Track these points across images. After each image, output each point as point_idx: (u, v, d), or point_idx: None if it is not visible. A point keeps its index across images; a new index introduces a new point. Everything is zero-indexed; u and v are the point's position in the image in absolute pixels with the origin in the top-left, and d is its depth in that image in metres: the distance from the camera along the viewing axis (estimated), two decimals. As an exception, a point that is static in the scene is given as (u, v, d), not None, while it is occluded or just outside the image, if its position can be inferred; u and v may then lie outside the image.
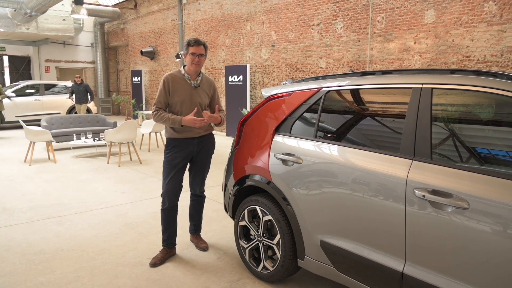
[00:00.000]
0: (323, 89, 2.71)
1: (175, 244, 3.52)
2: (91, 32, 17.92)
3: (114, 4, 16.00)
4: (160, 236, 3.84)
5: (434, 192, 1.94)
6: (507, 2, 6.19)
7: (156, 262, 3.30)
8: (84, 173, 6.68)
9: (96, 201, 5.06)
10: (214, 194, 5.41)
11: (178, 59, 13.00)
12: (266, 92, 3.19)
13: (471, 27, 6.63)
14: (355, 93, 2.56)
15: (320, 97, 2.70)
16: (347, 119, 2.60)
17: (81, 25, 16.26)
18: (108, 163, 7.42)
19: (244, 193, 3.20)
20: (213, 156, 3.67)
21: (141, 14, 15.48)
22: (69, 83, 13.97)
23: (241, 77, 10.76)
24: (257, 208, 2.97)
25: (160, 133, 9.03)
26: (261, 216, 2.95)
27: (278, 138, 2.88)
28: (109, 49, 18.56)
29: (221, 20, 11.77)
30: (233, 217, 3.34)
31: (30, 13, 12.61)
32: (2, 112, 11.80)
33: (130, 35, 16.47)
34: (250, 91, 10.94)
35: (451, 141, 2.10)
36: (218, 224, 4.28)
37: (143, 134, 9.30)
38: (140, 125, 10.93)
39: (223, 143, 10.09)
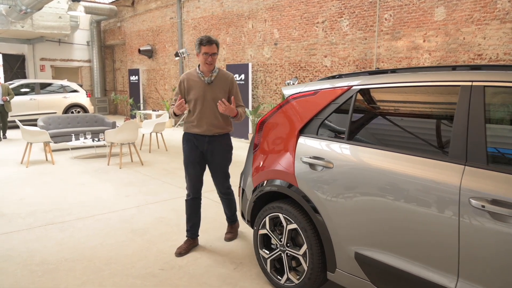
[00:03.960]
0: (353, 87, 2.50)
1: (197, 235, 3.64)
2: (87, 30, 17.59)
3: (111, 2, 15.69)
4: (170, 243, 3.67)
5: (495, 202, 1.74)
6: (522, -2, 6.02)
7: (181, 252, 3.46)
8: (83, 175, 6.42)
9: (99, 206, 4.81)
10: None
11: (178, 58, 12.75)
12: (287, 91, 2.98)
13: (483, 25, 6.46)
14: (392, 91, 2.35)
15: (351, 96, 2.49)
16: (383, 120, 2.39)
17: (77, 23, 15.94)
18: (108, 165, 7.17)
19: (264, 199, 2.99)
20: (229, 156, 3.59)
21: (138, 12, 15.20)
22: (65, 82, 13.67)
23: (242, 76, 10.54)
24: (280, 215, 2.76)
25: (161, 133, 8.79)
26: (284, 224, 2.74)
27: (303, 140, 2.67)
28: (105, 48, 18.25)
29: (222, 18, 11.54)
30: (251, 224, 3.12)
31: (26, 10, 12.29)
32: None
33: (127, 33, 16.18)
34: (252, 90, 10.71)
35: (509, 144, 1.90)
36: (241, 236, 4.05)
37: (143, 135, 9.05)
38: (141, 124, 10.66)
39: (225, 143, 9.86)
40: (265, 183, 2.88)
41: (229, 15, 11.28)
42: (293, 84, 9.09)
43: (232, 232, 3.82)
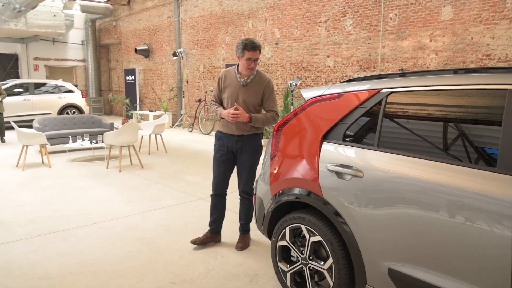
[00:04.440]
0: (383, 90, 2.33)
1: (219, 232, 3.70)
2: (81, 29, 17.28)
3: (107, 0, 15.42)
4: (179, 253, 3.53)
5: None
6: (532, -2, 5.90)
7: (196, 242, 3.57)
8: (82, 179, 6.20)
9: (101, 212, 4.61)
10: (234, 205, 4.99)
11: (175, 58, 12.54)
12: (307, 94, 2.80)
13: (492, 24, 6.34)
14: (427, 95, 2.18)
15: (381, 100, 2.32)
16: (418, 125, 2.22)
17: (72, 22, 15.64)
18: (107, 168, 6.95)
19: (283, 208, 2.81)
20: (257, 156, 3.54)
21: (134, 11, 14.95)
22: (60, 82, 13.39)
23: (242, 76, 10.34)
24: (303, 226, 2.59)
25: (161, 135, 8.58)
26: (307, 236, 2.57)
27: (328, 147, 2.50)
28: (100, 47, 17.96)
29: (221, 17, 11.34)
30: (269, 235, 2.94)
31: (20, 8, 12.00)
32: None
33: (123, 32, 15.92)
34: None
35: None
36: (253, 245, 3.87)
37: (142, 136, 8.83)
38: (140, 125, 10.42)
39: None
40: (284, 191, 2.71)
41: (229, 14, 11.09)
42: (296, 84, 8.92)
43: (243, 242, 3.66)
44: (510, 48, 6.18)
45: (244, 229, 3.70)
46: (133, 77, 15.13)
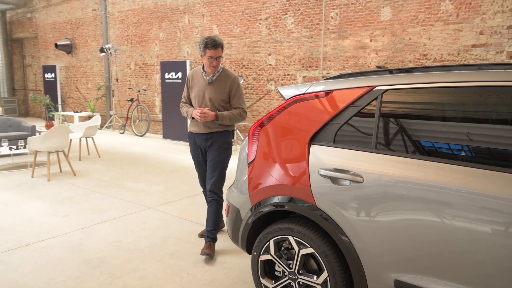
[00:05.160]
0: (377, 87, 2.17)
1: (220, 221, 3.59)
2: (-11, 20, 15.37)
3: (19, -11, 13.87)
4: (138, 274, 3.13)
5: None
6: (463, 1, 6.27)
7: (204, 234, 3.64)
8: (4, 191, 5.37)
9: (33, 231, 3.96)
10: (189, 213, 4.60)
11: (103, 54, 11.61)
12: (287, 92, 2.56)
13: (428, 26, 6.64)
14: (426, 93, 2.05)
15: (375, 98, 2.16)
16: (419, 126, 2.07)
17: (-23, 12, 13.83)
18: (33, 177, 6.12)
19: (262, 219, 2.55)
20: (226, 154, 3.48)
21: (53, 2, 13.61)
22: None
23: (179, 74, 9.86)
24: (291, 238, 2.34)
25: (93, 138, 7.81)
26: (296, 248, 2.33)
27: (317, 150, 2.28)
28: (12, 41, 16.14)
29: (154, 11, 10.71)
30: (247, 249, 2.66)
31: None
32: None
33: (40, 25, 14.44)
34: (190, 90, 10.08)
35: None
36: (221, 257, 3.53)
37: (71, 140, 7.96)
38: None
39: (160, 146, 9.12)
40: (267, 200, 2.44)
41: (162, 9, 10.50)
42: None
43: (210, 249, 3.36)
44: (445, 49, 6.52)
45: (212, 237, 3.41)
46: (53, 74, 13.78)
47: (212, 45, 3.19)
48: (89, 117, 12.38)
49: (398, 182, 1.95)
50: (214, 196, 3.40)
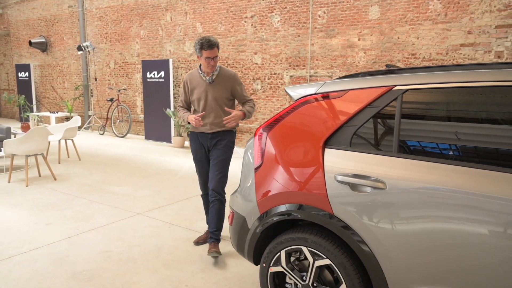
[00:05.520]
0: (396, 87, 2.04)
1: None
2: (-44, 17, 14.60)
3: (-10, -16, 13.22)
4: (132, 287, 2.86)
5: None
6: (451, 1, 6.27)
7: (199, 241, 3.60)
8: (-22, 198, 5.02)
9: (13, 241, 3.68)
10: (182, 219, 4.39)
11: (81, 52, 11.18)
12: (296, 92, 2.41)
13: (417, 25, 6.62)
14: (453, 92, 1.93)
15: (395, 98, 2.03)
16: (448, 128, 1.95)
17: None
18: (9, 182, 5.77)
19: (270, 228, 2.39)
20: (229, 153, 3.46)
21: (26, -2, 13.05)
22: None
23: (162, 73, 9.58)
24: (305, 249, 2.19)
25: (72, 140, 7.47)
26: (311, 259, 2.18)
27: (333, 154, 2.13)
28: (-18, 39, 15.39)
29: (134, 8, 10.37)
30: (254, 260, 2.49)
31: None
32: None
33: (13, 22, 13.82)
34: (174, 89, 9.81)
35: None
36: (220, 266, 3.35)
37: (49, 142, 7.59)
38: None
39: (143, 147, 8.83)
40: (278, 208, 2.28)
41: (143, 6, 10.18)
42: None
43: (217, 248, 3.32)
44: (433, 48, 6.51)
45: (216, 238, 3.36)
46: (27, 73, 13.21)
47: (208, 45, 3.18)
48: (67, 118, 11.93)
49: (424, 188, 1.83)
50: (217, 196, 3.35)
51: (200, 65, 3.36)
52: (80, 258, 3.35)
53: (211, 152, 3.42)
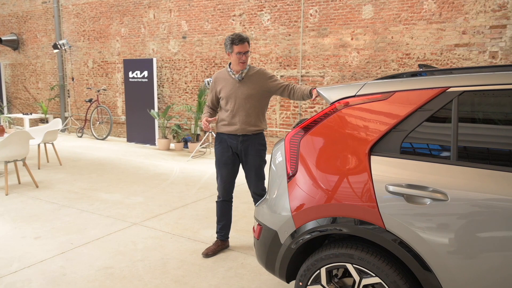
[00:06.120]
0: (451, 89, 1.87)
1: (228, 237, 3.54)
2: None
3: (-46, -23, 12.40)
4: None
5: None
6: (446, 1, 6.24)
7: (209, 253, 3.38)
8: (-47, 210, 4.57)
9: (1, 260, 3.31)
10: (183, 229, 4.11)
11: (56, 50, 10.63)
12: (332, 94, 2.20)
13: (411, 25, 6.57)
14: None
15: (450, 101, 1.86)
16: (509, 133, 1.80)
17: None
18: (-14, 191, 5.32)
19: (306, 244, 2.18)
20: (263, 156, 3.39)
21: (-5, -7, 12.32)
22: None
23: (145, 73, 9.20)
24: (350, 266, 1.99)
25: (53, 143, 7.01)
26: (357, 278, 1.98)
27: (380, 162, 1.94)
28: None
29: (114, 5, 9.93)
30: (287, 278, 2.27)
31: None
32: None
33: (-20, 18, 13.02)
34: (157, 89, 9.44)
35: None
36: (235, 281, 3.10)
37: (26, 146, 7.10)
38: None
39: (126, 150, 8.43)
40: (319, 222, 2.07)
41: (124, 3, 9.76)
42: (208, 83, 8.12)
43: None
44: (428, 48, 6.47)
45: None
46: (-3, 73, 12.47)
47: (239, 40, 3.13)
48: (41, 120, 11.34)
49: (499, 200, 1.66)
50: (258, 198, 3.33)
51: (229, 64, 3.28)
52: (78, 276, 3.04)
53: (244, 158, 3.32)
